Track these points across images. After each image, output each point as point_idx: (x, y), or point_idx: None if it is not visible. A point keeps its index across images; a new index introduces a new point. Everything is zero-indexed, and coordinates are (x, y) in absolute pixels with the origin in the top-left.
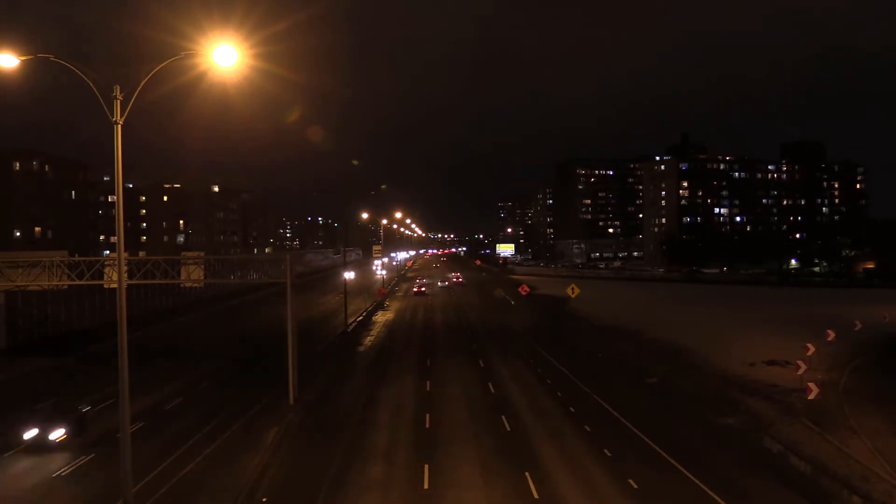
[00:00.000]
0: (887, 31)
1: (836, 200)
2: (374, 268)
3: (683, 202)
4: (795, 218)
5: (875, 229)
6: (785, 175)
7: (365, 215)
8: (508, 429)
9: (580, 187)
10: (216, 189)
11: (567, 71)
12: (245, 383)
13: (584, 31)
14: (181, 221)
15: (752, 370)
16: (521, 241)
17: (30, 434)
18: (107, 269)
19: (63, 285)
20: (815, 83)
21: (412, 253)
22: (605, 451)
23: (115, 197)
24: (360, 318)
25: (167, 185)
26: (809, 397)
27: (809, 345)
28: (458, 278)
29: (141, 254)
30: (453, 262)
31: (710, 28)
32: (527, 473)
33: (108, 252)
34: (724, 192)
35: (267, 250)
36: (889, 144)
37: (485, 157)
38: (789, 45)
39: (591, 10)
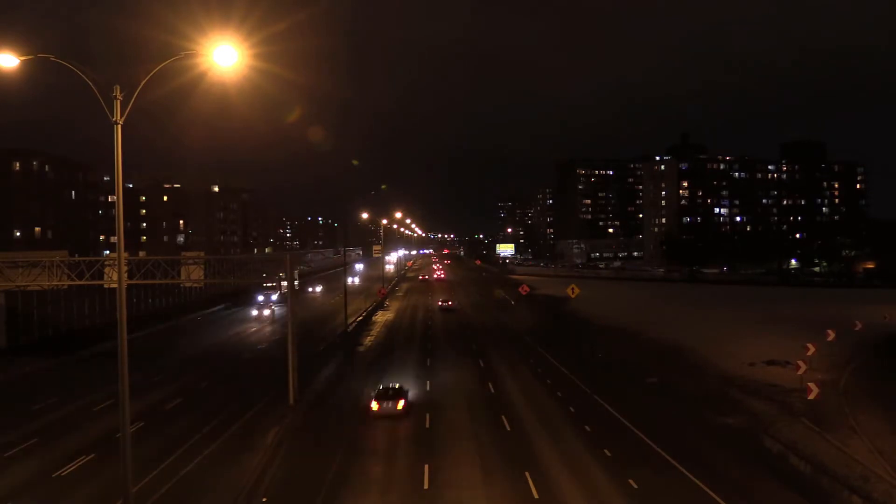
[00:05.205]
0: (888, 31)
1: (836, 200)
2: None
3: (683, 202)
4: (795, 218)
5: (875, 229)
6: (785, 175)
7: (365, 215)
8: (508, 428)
9: (580, 187)
10: (216, 189)
11: (568, 71)
12: (245, 383)
13: (584, 32)
14: (181, 221)
15: (752, 370)
16: (521, 241)
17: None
18: (107, 269)
19: (63, 285)
20: (816, 82)
21: (413, 252)
22: (605, 451)
23: (115, 197)
24: (360, 318)
25: (167, 185)
26: (809, 397)
27: (809, 345)
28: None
29: (141, 254)
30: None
31: (709, 28)
32: (527, 473)
33: (108, 252)
34: (724, 192)
35: (267, 250)
36: (889, 144)
37: (485, 157)
38: (790, 45)
39: (590, 11)
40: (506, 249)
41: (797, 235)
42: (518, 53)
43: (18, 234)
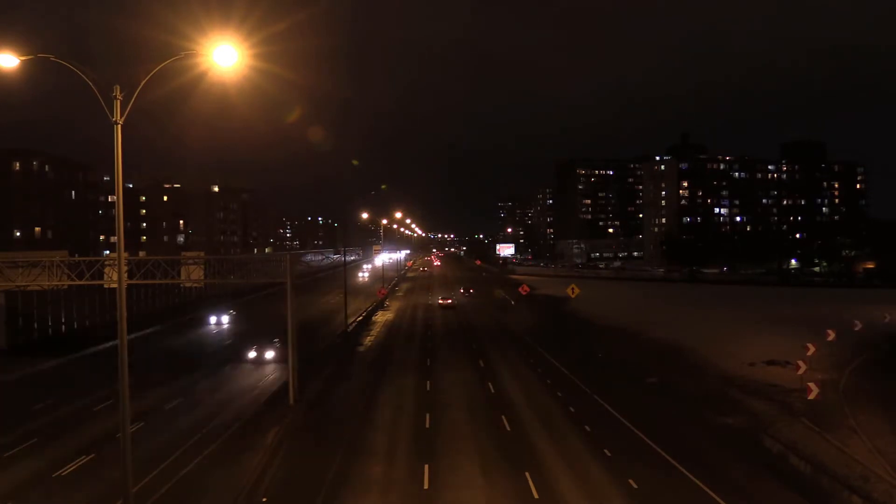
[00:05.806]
0: (888, 31)
1: (836, 200)
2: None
3: (683, 202)
4: (795, 218)
5: (875, 229)
6: (785, 175)
7: (365, 215)
8: (508, 429)
9: (580, 187)
10: (216, 189)
11: (568, 71)
12: (245, 383)
13: (584, 32)
14: (181, 221)
15: (752, 370)
16: (521, 241)
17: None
18: (107, 269)
19: (63, 285)
20: (816, 82)
21: (409, 252)
22: (605, 451)
23: (115, 197)
24: (360, 318)
25: (167, 185)
26: (809, 397)
27: (809, 345)
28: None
29: (141, 254)
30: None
31: (709, 28)
32: (527, 473)
33: (108, 252)
34: (724, 192)
35: (267, 250)
36: (889, 144)
37: (485, 157)
38: (790, 45)
39: (590, 11)
40: (506, 249)
41: (797, 235)
42: (518, 53)
43: (18, 234)
